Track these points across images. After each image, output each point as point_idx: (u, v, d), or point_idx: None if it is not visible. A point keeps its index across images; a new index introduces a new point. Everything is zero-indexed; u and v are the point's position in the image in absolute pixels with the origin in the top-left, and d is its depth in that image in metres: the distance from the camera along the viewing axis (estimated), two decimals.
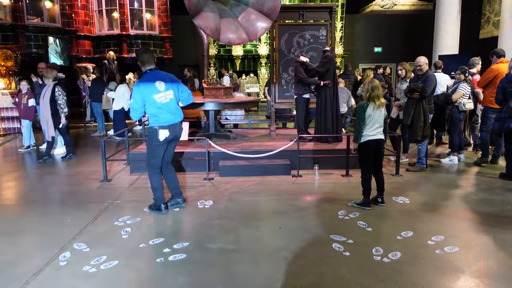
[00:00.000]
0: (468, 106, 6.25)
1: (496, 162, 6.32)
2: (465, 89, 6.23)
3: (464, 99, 6.23)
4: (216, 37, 7.03)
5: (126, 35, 13.75)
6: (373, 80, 4.32)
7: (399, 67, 6.30)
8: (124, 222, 3.98)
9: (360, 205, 4.36)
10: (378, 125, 4.30)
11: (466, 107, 6.24)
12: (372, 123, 4.28)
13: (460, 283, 2.85)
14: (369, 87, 4.26)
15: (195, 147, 6.11)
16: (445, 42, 12.36)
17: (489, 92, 6.24)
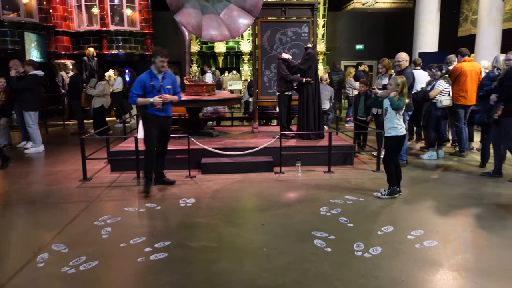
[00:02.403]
0: (445, 103, 6.37)
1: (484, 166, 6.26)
2: (442, 86, 6.35)
3: (442, 96, 6.35)
4: (198, 33, 6.97)
5: (106, 31, 13.50)
6: (402, 76, 4.55)
7: (379, 64, 6.37)
8: (104, 222, 3.92)
9: (390, 194, 4.57)
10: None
11: (443, 104, 6.35)
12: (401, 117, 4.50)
13: (438, 276, 2.90)
14: (401, 82, 4.36)
15: (177, 144, 6.05)
16: (425, 39, 12.55)
17: (455, 89, 6.41)
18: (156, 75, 4.74)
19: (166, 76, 4.83)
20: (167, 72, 4.86)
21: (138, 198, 4.70)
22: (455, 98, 6.48)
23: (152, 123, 4.77)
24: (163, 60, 4.68)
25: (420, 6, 12.58)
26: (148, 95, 4.68)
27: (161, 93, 4.70)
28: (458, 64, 6.48)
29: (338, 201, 4.48)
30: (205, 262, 3.12)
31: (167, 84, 4.81)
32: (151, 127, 4.77)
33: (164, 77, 4.80)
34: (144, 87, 4.69)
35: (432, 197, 4.70)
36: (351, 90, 10.38)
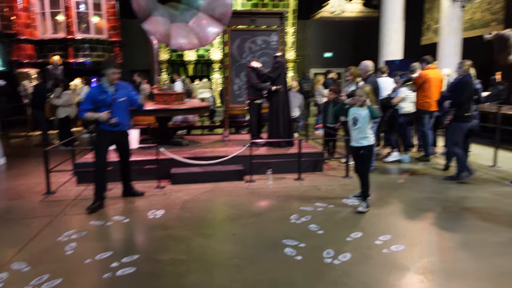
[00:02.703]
0: (406, 109, 6.64)
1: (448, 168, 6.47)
2: (404, 93, 6.59)
3: (404, 102, 6.58)
4: (166, 42, 6.90)
5: (72, 39, 13.17)
6: (367, 84, 4.60)
7: (347, 72, 6.51)
8: (69, 237, 3.78)
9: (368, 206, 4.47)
10: None
11: (405, 110, 6.62)
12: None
13: (405, 280, 2.96)
14: (369, 90, 4.36)
15: (145, 155, 5.94)
16: (390, 48, 12.93)
17: (420, 95, 6.64)
18: (106, 88, 4.47)
19: (120, 88, 4.56)
20: (120, 84, 4.59)
21: (105, 210, 4.57)
22: (420, 104, 6.69)
23: (103, 139, 4.57)
24: (115, 72, 4.43)
25: (385, 15, 12.97)
26: (100, 110, 4.43)
27: (113, 107, 4.44)
28: (423, 71, 6.70)
29: (308, 209, 4.50)
30: (174, 276, 3.06)
31: (121, 97, 4.54)
32: (101, 143, 4.58)
33: (118, 89, 4.53)
34: (95, 101, 4.44)
35: (399, 202, 4.81)
36: (320, 97, 10.54)
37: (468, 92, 5.39)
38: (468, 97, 5.41)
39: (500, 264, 3.16)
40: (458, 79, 5.54)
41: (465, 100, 5.39)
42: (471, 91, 5.43)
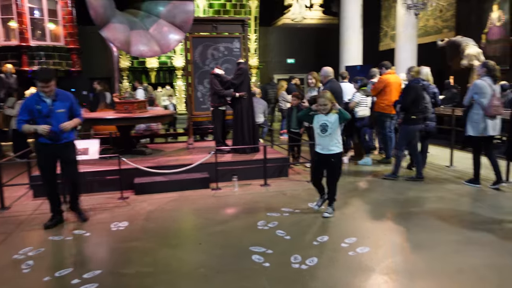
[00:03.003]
0: (360, 114, 6.94)
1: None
2: (358, 97, 6.85)
3: (359, 107, 6.78)
4: (126, 49, 6.75)
5: (27, 46, 12.62)
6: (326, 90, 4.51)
7: (309, 76, 6.63)
8: (25, 255, 3.58)
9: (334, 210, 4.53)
10: None
11: (359, 114, 6.96)
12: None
13: (371, 281, 3.02)
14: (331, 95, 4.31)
15: (107, 165, 5.76)
16: (350, 53, 13.28)
17: (381, 99, 6.86)
18: (43, 98, 4.06)
19: (58, 99, 4.14)
20: (60, 94, 4.19)
21: (65, 225, 4.37)
22: (381, 108, 6.88)
23: (42, 153, 4.21)
24: (42, 86, 4.00)
25: (344, 23, 13.33)
26: (38, 121, 4.06)
27: (51, 119, 4.05)
28: (384, 76, 6.91)
29: (275, 214, 4.52)
30: None
31: (59, 108, 4.13)
32: (42, 157, 4.21)
33: (56, 99, 4.12)
34: (31, 112, 4.06)
35: (363, 204, 4.92)
36: (284, 103, 10.65)
37: (414, 96, 5.65)
38: (414, 101, 5.65)
39: (458, 262, 3.29)
40: (407, 84, 5.87)
41: (412, 104, 5.65)
42: (418, 95, 5.67)
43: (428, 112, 6.01)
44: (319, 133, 4.34)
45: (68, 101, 4.22)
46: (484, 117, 5.23)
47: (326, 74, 6.34)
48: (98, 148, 5.37)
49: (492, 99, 5.17)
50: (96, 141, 5.40)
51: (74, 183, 4.48)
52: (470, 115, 5.35)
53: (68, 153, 4.33)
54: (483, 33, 10.90)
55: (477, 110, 5.28)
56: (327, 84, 6.19)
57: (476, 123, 5.30)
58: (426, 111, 5.90)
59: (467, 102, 5.43)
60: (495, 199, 4.95)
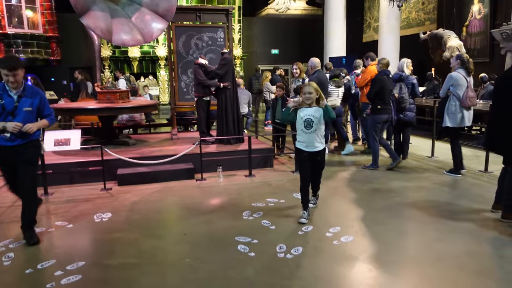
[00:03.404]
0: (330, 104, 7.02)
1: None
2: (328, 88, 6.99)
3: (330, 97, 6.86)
4: (108, 38, 6.61)
5: (3, 33, 12.24)
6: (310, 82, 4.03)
7: (294, 66, 6.62)
8: (6, 247, 3.51)
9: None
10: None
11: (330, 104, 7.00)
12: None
13: (355, 270, 3.07)
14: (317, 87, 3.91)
15: (89, 156, 5.67)
16: (334, 45, 13.32)
17: (367, 90, 6.92)
18: (9, 92, 3.45)
19: (26, 94, 3.52)
20: (28, 89, 3.57)
21: (46, 216, 4.30)
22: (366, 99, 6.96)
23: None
24: (6, 74, 3.37)
25: (328, 14, 13.34)
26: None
27: (15, 118, 3.45)
28: (370, 67, 6.95)
29: (260, 204, 4.53)
30: (124, 280, 2.94)
31: (25, 106, 3.50)
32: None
33: (23, 95, 3.50)
34: None
35: (346, 194, 4.97)
36: (268, 93, 10.64)
37: (378, 88, 5.88)
38: (378, 92, 5.88)
39: (439, 249, 3.36)
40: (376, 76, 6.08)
41: (376, 95, 5.89)
42: (382, 87, 5.87)
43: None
44: (302, 129, 3.95)
45: (37, 98, 3.59)
46: (460, 108, 5.39)
47: (313, 65, 6.35)
48: (80, 138, 5.26)
49: (467, 90, 5.36)
50: (78, 131, 5.29)
51: (30, 191, 3.64)
52: (448, 107, 5.48)
53: (28, 153, 3.60)
54: (464, 26, 11.08)
55: (454, 101, 5.42)
56: (314, 74, 6.20)
57: (453, 114, 5.44)
58: (391, 102, 6.08)
59: (443, 94, 5.59)
60: (474, 189, 5.08)
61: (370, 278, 2.94)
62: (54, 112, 7.02)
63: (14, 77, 3.37)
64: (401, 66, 6.43)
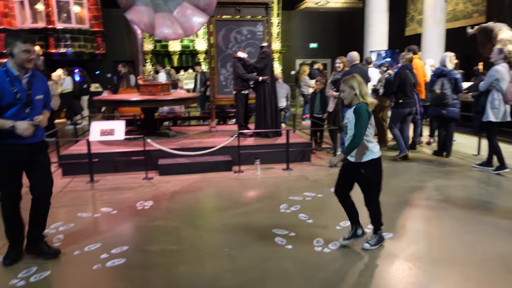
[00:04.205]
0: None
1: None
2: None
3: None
4: (151, 32, 6.81)
5: (53, 29, 12.84)
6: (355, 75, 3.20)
7: (337, 61, 6.52)
8: (56, 229, 3.72)
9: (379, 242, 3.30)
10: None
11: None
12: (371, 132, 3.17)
13: (394, 267, 3.01)
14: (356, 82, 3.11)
15: (132, 146, 5.87)
16: (375, 38, 13.01)
17: None
18: (17, 76, 2.83)
19: (36, 80, 2.95)
20: (36, 74, 2.99)
21: (92, 202, 4.51)
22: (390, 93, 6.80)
23: (8, 158, 2.89)
24: (27, 50, 2.77)
25: (370, 6, 13.02)
26: (9, 111, 2.80)
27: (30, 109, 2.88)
28: (415, 60, 6.76)
29: (297, 198, 4.53)
30: (165, 266, 3.05)
31: (38, 94, 2.96)
32: (6, 164, 2.90)
33: (32, 81, 2.91)
34: (1, 97, 2.76)
35: (386, 190, 4.83)
36: (306, 88, 10.56)
37: (398, 83, 6.06)
38: (399, 87, 6.06)
39: (484, 250, 3.23)
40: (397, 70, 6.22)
41: (398, 89, 6.08)
42: (402, 81, 6.03)
43: (447, 98, 6.04)
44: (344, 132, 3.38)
45: (45, 84, 3.09)
46: (503, 102, 5.26)
47: (352, 59, 6.24)
48: (124, 129, 5.46)
49: (510, 85, 5.23)
50: (122, 122, 5.50)
51: (46, 200, 3.15)
52: (491, 101, 5.30)
53: (44, 155, 3.14)
54: None
55: (498, 95, 5.27)
56: (352, 68, 6.10)
57: (497, 109, 5.28)
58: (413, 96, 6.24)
59: (484, 88, 5.35)
60: None
61: (410, 276, 2.89)
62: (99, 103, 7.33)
63: (32, 55, 2.79)
64: (443, 60, 6.21)
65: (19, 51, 2.76)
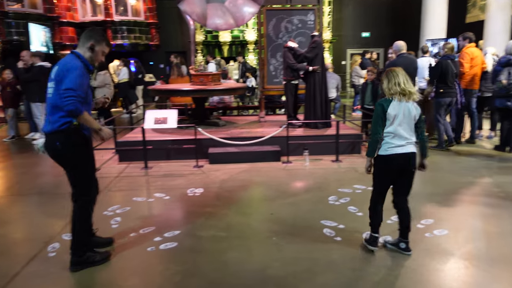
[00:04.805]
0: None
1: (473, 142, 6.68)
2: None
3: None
4: (203, 22, 6.93)
5: (111, 21, 13.46)
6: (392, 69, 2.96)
7: (390, 51, 6.32)
8: (114, 212, 3.94)
9: (366, 242, 3.13)
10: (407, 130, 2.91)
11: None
12: (396, 127, 2.89)
13: (449, 265, 2.89)
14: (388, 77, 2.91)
15: (183, 134, 6.05)
16: (432, 26, 12.34)
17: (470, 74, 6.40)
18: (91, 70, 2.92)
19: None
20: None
21: (147, 188, 4.72)
22: (468, 84, 6.42)
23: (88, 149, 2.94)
24: (105, 53, 2.94)
25: None
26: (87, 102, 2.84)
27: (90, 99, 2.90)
28: (468, 49, 6.37)
29: (347, 190, 4.46)
30: (214, 252, 3.13)
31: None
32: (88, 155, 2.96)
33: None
34: (85, 90, 2.74)
35: (441, 185, 4.65)
36: (357, 78, 10.29)
37: (439, 72, 5.99)
38: (440, 76, 6.00)
39: None
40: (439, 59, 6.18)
41: (440, 79, 6.03)
42: (444, 71, 5.95)
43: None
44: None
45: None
46: None
47: (397, 49, 6.00)
48: (176, 118, 5.63)
49: None
50: (174, 111, 5.67)
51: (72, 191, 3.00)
52: None
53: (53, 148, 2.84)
54: None
55: None
56: (396, 59, 5.86)
57: None
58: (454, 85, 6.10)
59: None
60: None
61: (466, 275, 2.75)
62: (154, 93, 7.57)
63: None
64: (509, 48, 5.79)
65: (100, 50, 2.88)
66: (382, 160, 2.94)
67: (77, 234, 2.89)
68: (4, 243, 3.35)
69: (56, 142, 2.74)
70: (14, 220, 3.90)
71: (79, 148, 2.81)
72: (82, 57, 2.81)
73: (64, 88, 2.61)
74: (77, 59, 2.77)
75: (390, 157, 2.90)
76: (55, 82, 2.71)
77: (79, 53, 2.83)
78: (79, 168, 2.86)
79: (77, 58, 2.78)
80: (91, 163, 2.99)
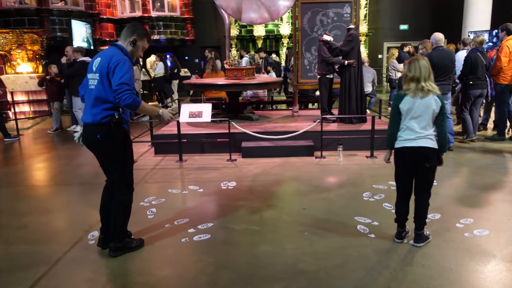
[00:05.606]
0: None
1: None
2: None
3: None
4: (238, 16, 6.94)
5: (148, 17, 13.75)
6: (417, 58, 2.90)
7: (420, 46, 6.07)
8: (150, 203, 4.05)
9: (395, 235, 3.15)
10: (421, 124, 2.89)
11: None
12: (408, 121, 2.91)
13: (490, 266, 2.77)
14: (407, 67, 2.90)
15: (217, 128, 6.12)
16: (475, 18, 11.83)
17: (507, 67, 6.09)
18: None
19: None
20: None
21: (181, 180, 4.81)
22: (503, 78, 6.10)
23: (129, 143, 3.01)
24: (144, 49, 3.00)
25: None
26: None
27: None
28: (506, 42, 6.04)
29: (382, 187, 4.36)
30: (247, 245, 3.15)
31: None
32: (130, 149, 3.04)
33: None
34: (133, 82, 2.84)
35: (481, 184, 4.47)
36: (394, 72, 10.01)
37: (470, 65, 6.08)
38: (471, 69, 6.08)
39: None
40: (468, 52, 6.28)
41: (469, 71, 6.10)
42: (473, 63, 6.06)
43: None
44: None
45: None
46: None
47: (434, 41, 5.70)
48: (211, 111, 5.69)
49: None
50: (209, 105, 5.74)
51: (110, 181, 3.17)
52: None
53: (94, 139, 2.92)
54: None
55: None
56: (431, 52, 5.59)
57: None
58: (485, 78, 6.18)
59: None
60: None
61: (508, 278, 2.63)
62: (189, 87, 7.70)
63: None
64: None
65: (141, 45, 2.92)
66: (395, 153, 3.07)
67: (118, 221, 3.00)
68: (48, 230, 3.53)
69: (97, 134, 2.79)
70: (57, 209, 4.09)
71: (119, 141, 2.86)
72: (125, 50, 2.84)
73: (118, 83, 2.64)
74: (121, 52, 2.80)
75: (398, 150, 3.01)
76: (100, 75, 2.73)
77: (122, 46, 2.86)
78: (119, 161, 2.92)
79: (120, 51, 2.81)
80: (130, 156, 3.04)
